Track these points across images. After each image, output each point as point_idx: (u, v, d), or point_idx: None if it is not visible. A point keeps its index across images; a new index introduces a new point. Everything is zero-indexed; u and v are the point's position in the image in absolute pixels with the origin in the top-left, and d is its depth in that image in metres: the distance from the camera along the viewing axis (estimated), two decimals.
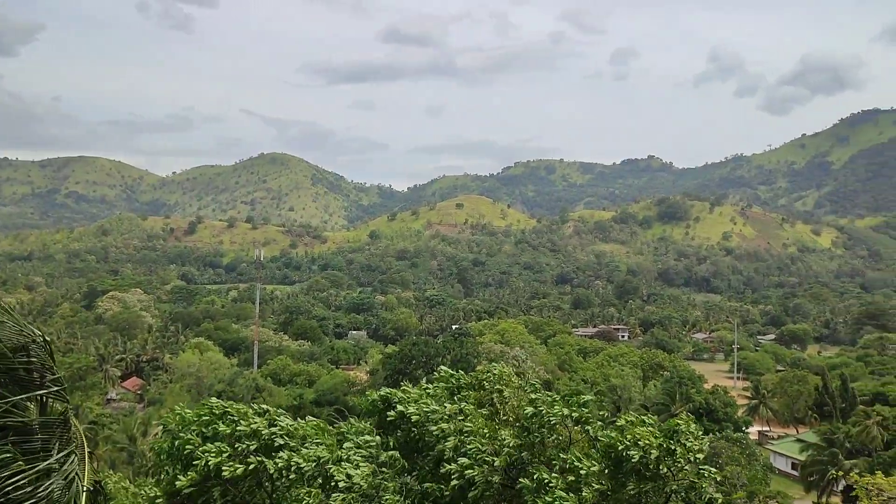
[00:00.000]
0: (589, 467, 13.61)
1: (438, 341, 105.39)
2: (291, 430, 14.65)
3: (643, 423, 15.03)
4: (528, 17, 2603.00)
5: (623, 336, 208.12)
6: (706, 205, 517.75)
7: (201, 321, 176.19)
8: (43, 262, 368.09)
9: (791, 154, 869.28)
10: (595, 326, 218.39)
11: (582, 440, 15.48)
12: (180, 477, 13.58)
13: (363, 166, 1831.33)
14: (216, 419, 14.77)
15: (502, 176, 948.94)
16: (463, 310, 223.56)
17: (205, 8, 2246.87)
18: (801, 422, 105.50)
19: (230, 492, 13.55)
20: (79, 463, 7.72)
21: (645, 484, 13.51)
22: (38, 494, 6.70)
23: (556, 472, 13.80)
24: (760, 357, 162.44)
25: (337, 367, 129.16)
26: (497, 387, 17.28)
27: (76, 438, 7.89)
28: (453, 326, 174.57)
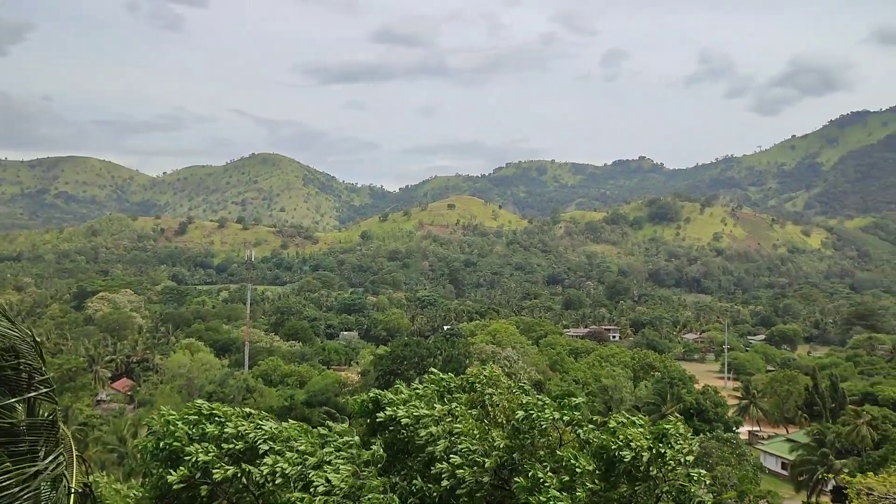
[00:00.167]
0: (584, 466, 13.64)
1: (430, 342, 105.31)
2: (275, 433, 14.70)
3: (634, 424, 15.06)
4: (519, 18, 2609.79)
5: (614, 336, 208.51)
6: (697, 206, 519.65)
7: (192, 322, 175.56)
8: (32, 262, 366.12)
9: (781, 155, 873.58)
10: (586, 327, 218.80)
11: (572, 442, 15.50)
12: (171, 472, 13.64)
13: (355, 167, 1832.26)
14: (204, 419, 14.78)
15: (494, 177, 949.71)
16: (454, 310, 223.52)
17: (195, 8, 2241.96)
18: (791, 422, 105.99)
19: (218, 492, 13.58)
20: (66, 465, 7.65)
21: (636, 485, 13.55)
22: (22, 497, 6.64)
23: (549, 472, 13.83)
24: (751, 357, 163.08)
25: (328, 368, 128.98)
26: (488, 389, 17.29)
27: (64, 441, 7.83)
28: (445, 327, 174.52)
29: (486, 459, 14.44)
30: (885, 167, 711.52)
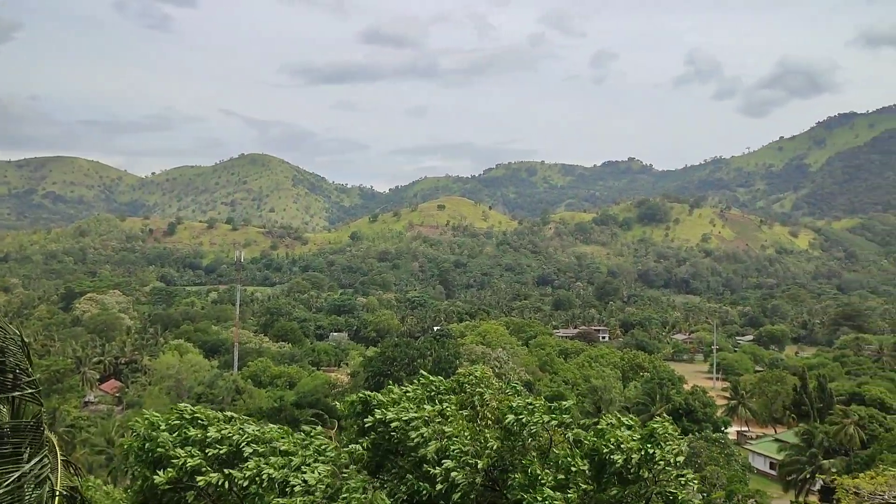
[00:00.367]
0: (580, 465, 13.64)
1: (420, 343, 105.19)
2: (258, 436, 14.68)
3: (624, 425, 15.04)
4: (508, 19, 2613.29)
5: (603, 337, 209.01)
6: (686, 207, 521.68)
7: (181, 323, 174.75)
8: (19, 263, 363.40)
9: (769, 156, 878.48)
10: (576, 327, 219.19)
11: (563, 443, 15.49)
12: (158, 473, 13.58)
13: (344, 167, 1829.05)
14: (187, 424, 14.71)
15: (484, 177, 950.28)
16: (444, 311, 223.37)
17: (184, 7, 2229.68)
18: (779, 422, 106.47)
19: (203, 495, 13.53)
20: (52, 469, 7.56)
21: (627, 487, 13.54)
22: (4, 500, 6.55)
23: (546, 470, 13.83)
24: (739, 358, 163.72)
25: (318, 369, 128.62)
26: (478, 389, 17.26)
27: (49, 443, 7.73)
28: (435, 328, 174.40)
29: (478, 461, 14.42)
30: (872, 168, 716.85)
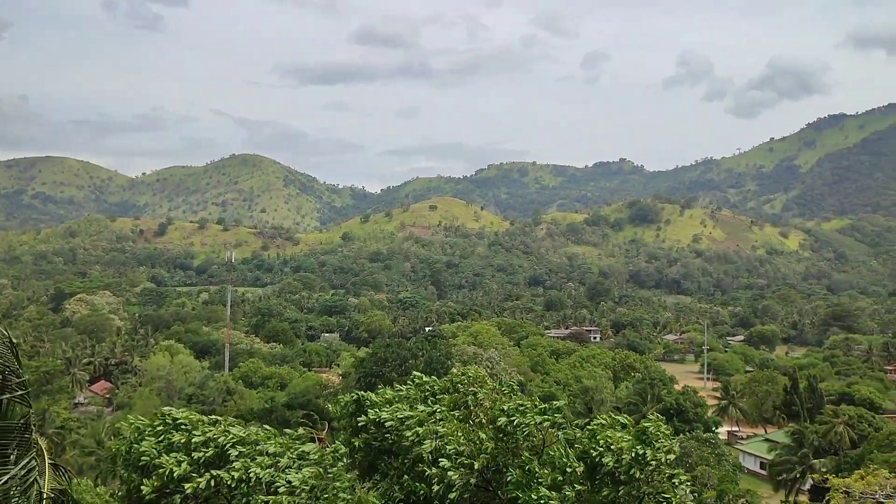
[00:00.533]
0: (575, 466, 13.65)
1: (411, 343, 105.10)
2: (244, 437, 14.64)
3: (617, 425, 15.03)
4: (500, 20, 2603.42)
5: (595, 337, 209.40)
6: (677, 207, 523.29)
7: (171, 323, 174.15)
8: (9, 263, 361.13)
9: (759, 157, 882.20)
10: (567, 328, 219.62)
11: (556, 444, 15.50)
12: (145, 482, 13.52)
13: (336, 168, 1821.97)
14: (170, 429, 14.65)
15: (475, 178, 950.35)
16: (436, 312, 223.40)
17: (174, 7, 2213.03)
18: (769, 422, 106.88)
19: (190, 498, 13.50)
20: (40, 472, 7.50)
21: (620, 488, 13.55)
22: None
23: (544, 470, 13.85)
24: (730, 358, 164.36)
25: (309, 370, 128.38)
26: (471, 389, 17.25)
27: (36, 445, 7.68)
28: (426, 328, 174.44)
29: (474, 461, 14.43)
30: (861, 170, 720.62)
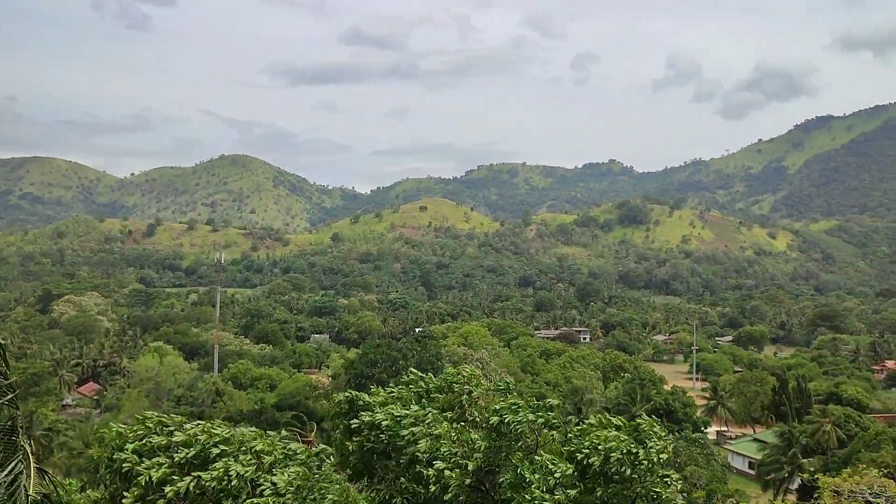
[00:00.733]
0: (564, 470, 13.64)
1: (401, 344, 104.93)
2: (228, 437, 14.55)
3: (611, 425, 15.03)
4: (490, 22, 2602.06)
5: (584, 338, 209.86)
6: (666, 208, 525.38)
7: (160, 325, 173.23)
8: None
9: (748, 159, 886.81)
10: (557, 328, 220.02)
11: (550, 444, 15.51)
12: (126, 494, 13.42)
13: (326, 168, 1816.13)
14: (149, 432, 14.56)
15: (465, 179, 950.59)
16: (426, 312, 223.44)
17: (163, 7, 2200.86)
18: (757, 422, 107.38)
19: (175, 501, 13.42)
20: (26, 476, 7.46)
21: (612, 487, 13.55)
22: None
23: (534, 473, 13.84)
24: (718, 358, 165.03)
25: (299, 371, 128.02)
26: (466, 388, 17.24)
27: (21, 449, 7.63)
28: (417, 329, 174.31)
29: (468, 462, 14.42)
30: (848, 171, 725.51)
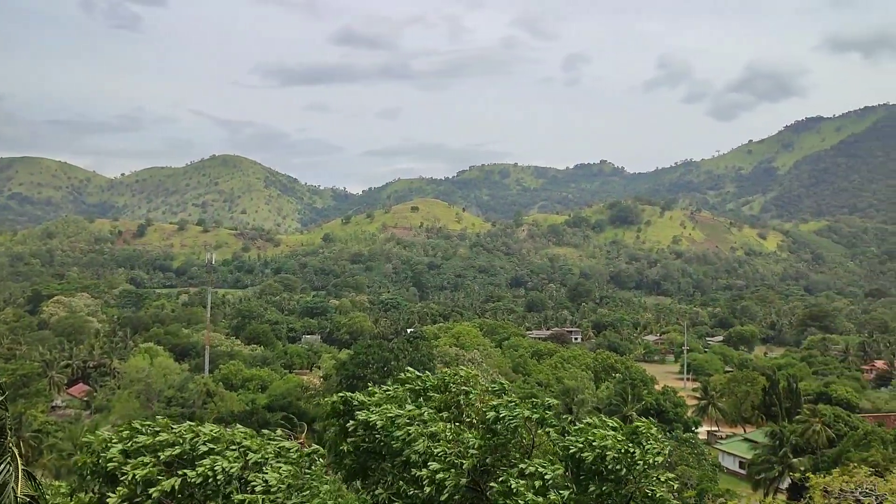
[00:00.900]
0: (553, 472, 13.63)
1: (393, 345, 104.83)
2: (217, 436, 14.49)
3: (606, 426, 15.04)
4: (481, 22, 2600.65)
5: (576, 338, 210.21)
6: (657, 209, 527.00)
7: (151, 325, 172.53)
8: None
9: (738, 160, 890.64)
10: (548, 329, 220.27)
11: (545, 443, 15.50)
12: (110, 494, 13.30)
13: (317, 169, 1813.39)
14: (136, 433, 14.48)
15: (457, 179, 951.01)
16: (418, 313, 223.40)
17: (153, 7, 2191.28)
18: (748, 421, 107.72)
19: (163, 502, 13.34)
20: (14, 478, 7.43)
21: (605, 485, 13.55)
22: None
23: (523, 478, 13.81)
24: (709, 358, 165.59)
25: (290, 372, 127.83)
26: (463, 388, 17.23)
27: (10, 450, 7.60)
28: (408, 330, 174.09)
29: (462, 461, 14.41)
30: (838, 172, 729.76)
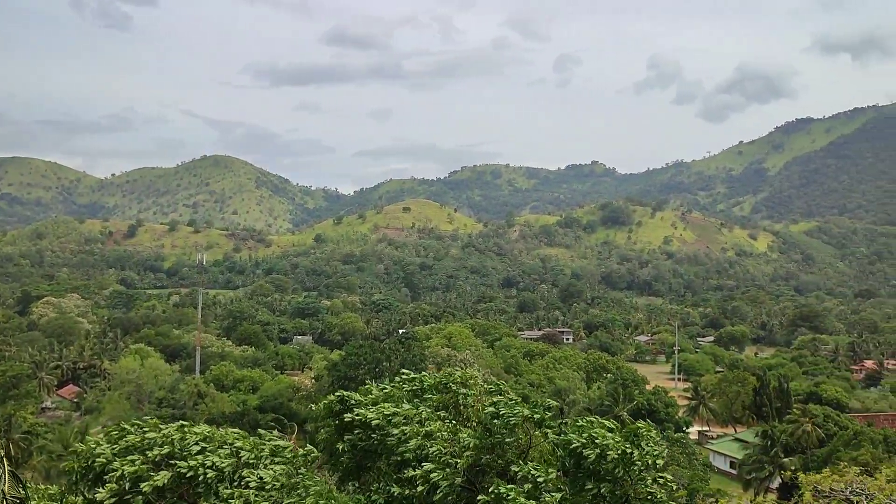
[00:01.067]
0: (546, 475, 13.63)
1: (384, 345, 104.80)
2: (208, 435, 14.47)
3: (604, 427, 15.05)
4: (473, 23, 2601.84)
5: (567, 339, 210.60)
6: (648, 210, 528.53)
7: (141, 326, 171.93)
8: None
9: (729, 160, 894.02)
10: (540, 329, 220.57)
11: (542, 444, 15.49)
12: (99, 490, 13.24)
13: (309, 169, 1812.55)
14: (125, 433, 14.45)
15: (449, 180, 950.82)
16: (410, 314, 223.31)
17: (144, 7, 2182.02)
18: (738, 421, 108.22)
19: (152, 500, 13.29)
20: (3, 479, 7.43)
21: (603, 485, 13.54)
22: None
23: (516, 481, 13.80)
24: (700, 359, 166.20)
25: (282, 373, 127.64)
26: (462, 389, 17.26)
27: None
28: (400, 330, 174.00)
29: (457, 461, 14.42)
30: (828, 173, 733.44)
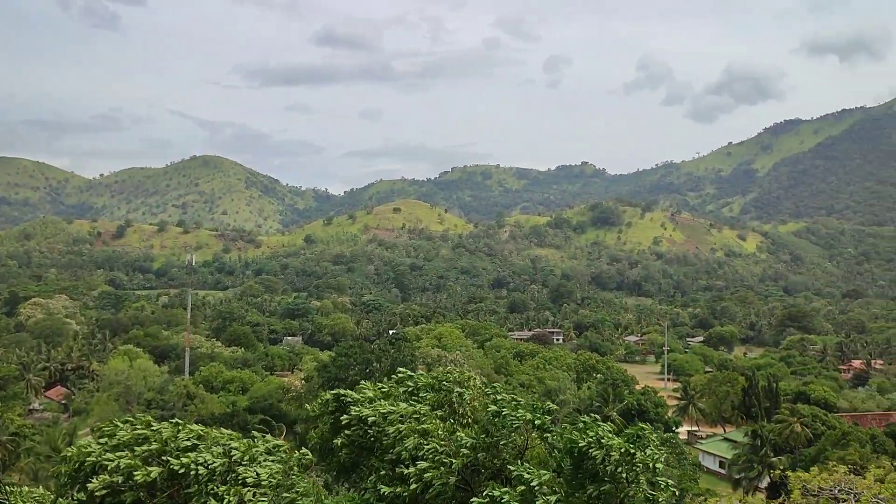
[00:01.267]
0: (540, 478, 13.61)
1: (375, 346, 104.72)
2: (201, 434, 14.42)
3: (602, 428, 15.06)
4: (463, 24, 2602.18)
5: (557, 339, 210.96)
6: (637, 210, 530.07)
7: (130, 327, 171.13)
8: None
9: (718, 161, 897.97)
10: (530, 330, 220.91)
11: (539, 446, 15.48)
12: (92, 480, 13.14)
13: (299, 169, 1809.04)
14: (115, 430, 14.38)
15: (439, 181, 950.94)
16: (400, 314, 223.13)
17: (132, 6, 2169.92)
18: (728, 421, 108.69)
19: (144, 495, 13.22)
20: None
21: (604, 486, 13.52)
22: None
23: (508, 484, 13.78)
24: (689, 359, 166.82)
25: (272, 374, 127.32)
26: (458, 389, 17.24)
27: None
28: (390, 331, 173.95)
29: (453, 460, 14.40)
30: (816, 174, 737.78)
